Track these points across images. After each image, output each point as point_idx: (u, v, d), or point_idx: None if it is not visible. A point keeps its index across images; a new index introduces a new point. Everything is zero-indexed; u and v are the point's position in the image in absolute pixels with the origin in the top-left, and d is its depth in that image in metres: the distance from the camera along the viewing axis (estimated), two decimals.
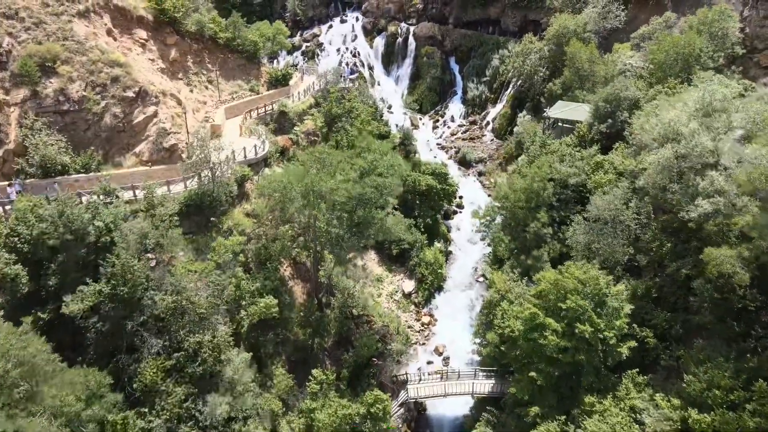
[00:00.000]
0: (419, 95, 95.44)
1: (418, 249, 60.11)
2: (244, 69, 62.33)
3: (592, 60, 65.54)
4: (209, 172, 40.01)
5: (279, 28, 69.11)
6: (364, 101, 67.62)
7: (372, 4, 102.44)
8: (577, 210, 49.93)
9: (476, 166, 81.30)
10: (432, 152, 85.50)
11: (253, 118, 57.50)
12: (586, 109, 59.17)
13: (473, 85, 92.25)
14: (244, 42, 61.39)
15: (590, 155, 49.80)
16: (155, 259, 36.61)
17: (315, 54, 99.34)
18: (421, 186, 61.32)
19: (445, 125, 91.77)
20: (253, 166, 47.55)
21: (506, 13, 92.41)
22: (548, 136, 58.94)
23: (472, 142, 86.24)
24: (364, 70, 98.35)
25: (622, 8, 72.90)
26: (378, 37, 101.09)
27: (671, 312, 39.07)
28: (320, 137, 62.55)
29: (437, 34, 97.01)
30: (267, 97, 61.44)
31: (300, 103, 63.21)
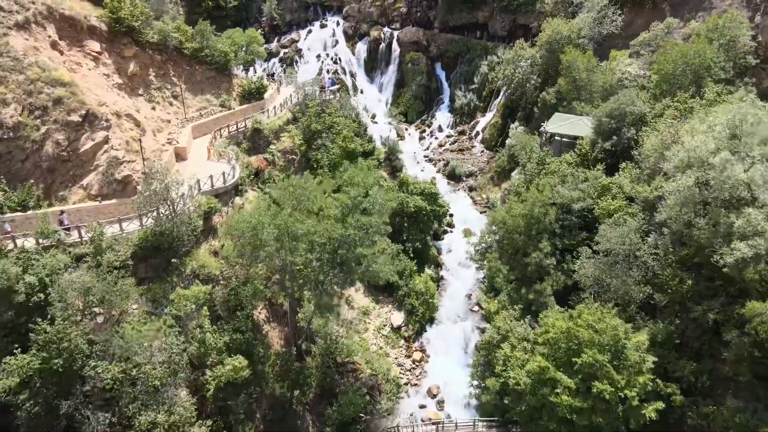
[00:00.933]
0: (404, 104, 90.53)
1: (407, 277, 55.17)
2: (213, 82, 56.82)
3: (589, 69, 61.20)
4: (169, 207, 34.55)
5: (252, 35, 63.66)
6: (346, 115, 62.45)
7: (353, 8, 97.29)
8: (583, 238, 45.46)
9: (466, 180, 76.61)
10: (419, 165, 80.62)
11: (224, 137, 52.04)
12: (587, 123, 54.76)
13: (461, 92, 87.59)
14: (212, 52, 55.87)
15: (596, 177, 45.24)
16: (103, 314, 31.17)
17: (294, 61, 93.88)
18: (410, 208, 56.40)
19: (433, 135, 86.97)
20: (222, 195, 42.15)
21: (494, 17, 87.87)
22: (546, 152, 54.38)
23: (461, 153, 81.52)
24: (346, 77, 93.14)
25: (619, 13, 68.69)
26: (360, 42, 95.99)
27: (696, 360, 34.68)
28: (299, 155, 57.29)
29: (422, 39, 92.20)
30: (239, 113, 56.00)
31: (276, 119, 57.86)
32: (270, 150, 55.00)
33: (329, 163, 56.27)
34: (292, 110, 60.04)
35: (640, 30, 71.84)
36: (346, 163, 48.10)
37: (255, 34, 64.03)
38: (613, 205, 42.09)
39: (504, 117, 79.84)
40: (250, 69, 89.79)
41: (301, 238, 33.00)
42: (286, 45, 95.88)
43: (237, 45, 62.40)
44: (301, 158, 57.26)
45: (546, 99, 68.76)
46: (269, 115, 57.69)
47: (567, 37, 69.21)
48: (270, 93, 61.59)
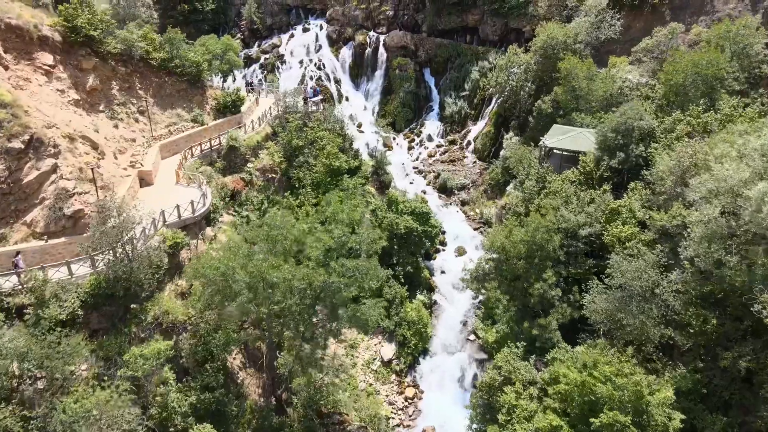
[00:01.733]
0: (392, 111, 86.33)
1: (398, 305, 51.00)
2: (185, 95, 52.12)
3: (590, 77, 57.44)
4: (125, 248, 29.99)
5: (228, 43, 59.06)
6: (331, 128, 58.03)
7: (337, 11, 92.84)
8: (590, 266, 41.58)
9: (458, 193, 72.57)
10: (408, 177, 76.52)
11: (196, 157, 47.45)
12: (589, 136, 50.94)
13: (451, 100, 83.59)
14: (183, 63, 51.17)
15: (604, 201, 41.32)
16: (44, 377, 26.59)
17: (275, 67, 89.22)
18: (400, 229, 52.19)
19: (422, 145, 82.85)
20: (191, 227, 37.63)
21: (485, 20, 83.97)
22: (546, 169, 50.44)
23: (452, 164, 77.49)
24: (331, 84, 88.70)
25: (618, 17, 65.09)
26: (345, 47, 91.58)
27: (724, 412, 30.94)
28: (279, 174, 52.84)
29: (410, 43, 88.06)
30: (213, 129, 51.42)
31: (254, 134, 53.34)
32: (247, 169, 50.52)
33: (312, 182, 51.93)
34: (272, 124, 55.56)
35: (638, 34, 68.46)
36: (330, 196, 42.82)
37: (231, 42, 59.42)
38: (624, 232, 38.23)
39: (497, 126, 75.98)
40: (228, 78, 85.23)
41: (277, 284, 28.67)
42: (267, 50, 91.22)
43: (211, 53, 57.78)
44: (281, 177, 52.82)
45: (542, 108, 64.92)
46: (246, 131, 53.20)
47: (563, 43, 65.49)
48: (248, 105, 57.02)
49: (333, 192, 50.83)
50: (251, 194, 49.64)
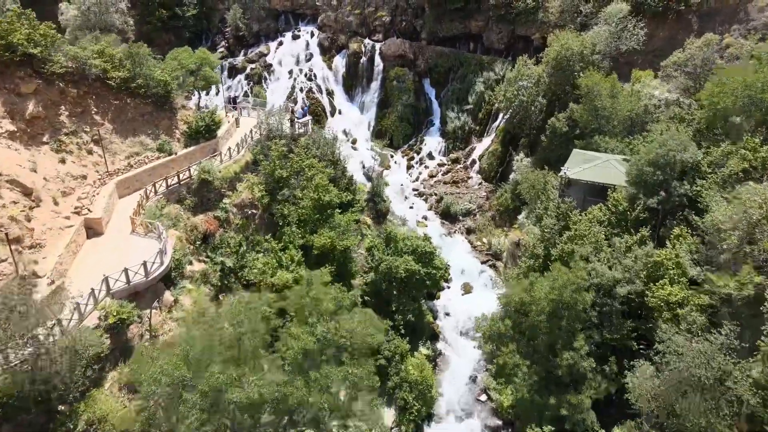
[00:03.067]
0: (389, 126, 79.36)
1: (397, 363, 44.08)
2: (150, 119, 45.02)
3: (614, 95, 50.71)
4: (41, 341, 22.97)
5: (203, 56, 51.97)
6: (321, 153, 50.99)
7: (329, 17, 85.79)
8: (629, 330, 34.79)
9: (463, 220, 65.66)
10: (408, 201, 69.65)
11: (160, 194, 40.40)
12: (618, 166, 44.23)
13: (453, 114, 76.69)
14: (148, 82, 44.10)
15: (646, 253, 34.45)
16: None
17: (262, 78, 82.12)
18: (400, 273, 45.25)
19: (422, 164, 75.93)
20: (144, 294, 30.58)
21: (490, 27, 77.09)
22: (568, 204, 43.46)
23: (455, 186, 70.59)
24: (322, 96, 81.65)
25: (642, 25, 58.33)
26: (338, 56, 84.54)
27: None
28: (260, 210, 45.79)
29: (408, 52, 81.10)
30: (184, 158, 44.39)
31: (231, 163, 46.31)
32: (223, 205, 43.49)
33: (298, 219, 44.90)
34: (253, 151, 48.52)
35: (662, 44, 61.88)
36: (312, 278, 35.00)
37: (207, 55, 52.33)
38: (674, 295, 31.43)
39: (504, 144, 69.14)
40: (207, 92, 78.19)
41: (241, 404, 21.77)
42: (254, 59, 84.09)
43: (185, 68, 50.70)
44: (262, 213, 45.78)
45: (555, 126, 58.16)
46: (223, 159, 46.15)
47: (579, 54, 58.76)
48: (226, 128, 49.93)
49: (321, 233, 43.95)
50: (227, 235, 42.64)
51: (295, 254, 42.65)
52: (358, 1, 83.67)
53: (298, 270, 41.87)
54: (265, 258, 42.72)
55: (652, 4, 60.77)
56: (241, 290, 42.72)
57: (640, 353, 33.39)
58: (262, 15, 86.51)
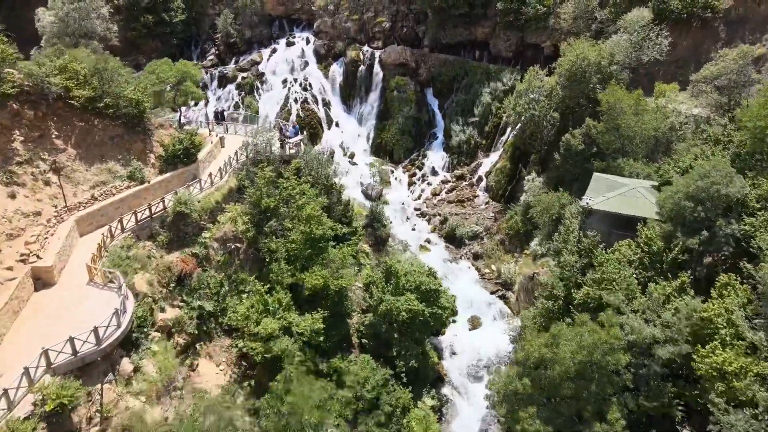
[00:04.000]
0: (389, 139, 74.38)
1: (399, 416, 39.07)
2: (121, 143, 40.01)
3: (638, 112, 45.78)
4: None
5: (185, 69, 46.94)
6: (314, 174, 46.01)
7: (326, 23, 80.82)
8: (671, 396, 29.79)
9: (470, 243, 60.66)
10: (409, 222, 64.68)
11: (129, 231, 35.38)
12: (647, 195, 39.26)
13: (458, 127, 71.70)
14: (117, 101, 39.12)
15: (690, 308, 29.43)
16: None
17: (254, 88, 77.12)
18: (401, 315, 40.24)
19: (425, 180, 70.91)
20: (96, 365, 25.52)
21: (497, 34, 72.11)
22: (592, 239, 38.38)
23: (461, 206, 65.61)
24: (318, 107, 76.67)
25: (666, 34, 53.38)
26: (335, 64, 79.55)
27: None
28: (245, 244, 40.79)
29: (409, 60, 76.12)
30: (159, 186, 39.39)
31: (213, 191, 41.34)
32: (202, 240, 38.51)
33: (287, 255, 39.89)
34: (238, 176, 43.51)
35: (685, 54, 57.09)
36: (295, 396, 29.47)
37: (188, 68, 47.27)
38: (729, 363, 26.42)
39: (513, 160, 64.20)
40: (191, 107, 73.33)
41: None
42: (246, 68, 79.08)
43: (163, 82, 45.72)
44: (247, 248, 40.78)
45: (570, 143, 53.18)
46: (203, 186, 41.16)
47: (596, 65, 53.82)
48: (208, 150, 44.90)
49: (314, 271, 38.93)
50: (206, 275, 37.66)
51: (283, 296, 37.64)
52: (357, 6, 78.73)
53: (286, 316, 36.89)
54: (249, 300, 37.77)
55: (675, 10, 55.88)
56: (222, 336, 37.91)
57: (686, 424, 28.47)
58: (254, 21, 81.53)
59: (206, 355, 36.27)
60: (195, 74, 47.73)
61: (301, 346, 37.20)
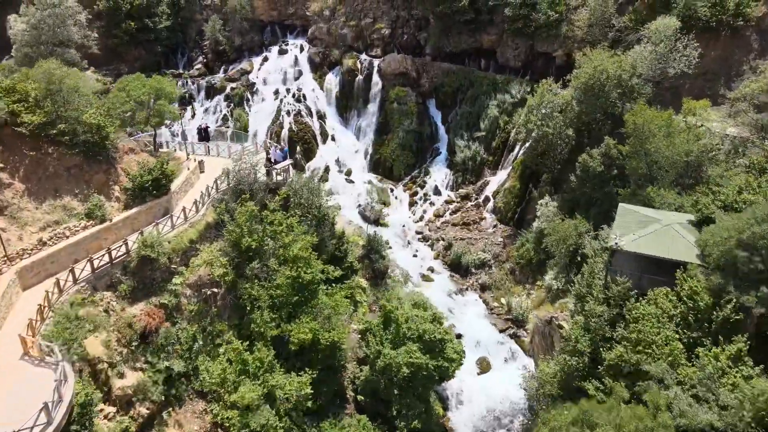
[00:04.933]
0: (389, 155, 69.20)
1: None
2: (79, 174, 34.80)
3: (669, 134, 40.59)
4: None
5: (159, 86, 41.72)
6: (305, 202, 40.81)
7: (321, 29, 75.65)
8: None
9: (477, 273, 55.45)
10: (411, 247, 59.48)
11: (83, 282, 30.21)
12: (683, 234, 34.00)
13: (463, 142, 66.52)
14: (74, 126, 33.92)
15: (754, 390, 24.21)
16: None
17: (244, 99, 71.94)
18: (402, 371, 35.02)
19: (427, 200, 65.70)
20: None
21: (505, 41, 66.92)
22: (623, 286, 33.11)
23: (466, 229, 60.40)
24: (313, 120, 71.48)
25: (696, 44, 48.22)
26: (330, 73, 74.42)
27: None
28: (222, 289, 35.57)
29: (410, 69, 70.96)
30: (123, 225, 34.19)
31: (187, 227, 36.17)
32: (172, 287, 33.34)
33: (271, 303, 34.71)
34: (217, 207, 38.28)
35: (714, 65, 51.99)
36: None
37: (164, 84, 42.06)
38: None
39: (523, 180, 59.01)
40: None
41: None
42: (235, 78, 73.90)
43: (135, 100, 40.51)
44: (226, 293, 35.54)
45: (588, 164, 48.13)
46: (176, 222, 35.98)
47: (616, 77, 48.76)
48: (184, 177, 39.75)
49: (302, 322, 33.79)
50: (176, 329, 32.52)
51: (265, 354, 32.43)
52: (354, 12, 73.59)
53: (268, 378, 31.70)
54: (225, 359, 32.60)
55: (703, 18, 50.75)
56: (195, 399, 32.72)
57: None
58: (244, 27, 76.36)
59: (175, 423, 31.15)
60: (171, 91, 42.48)
61: (286, 409, 32.11)
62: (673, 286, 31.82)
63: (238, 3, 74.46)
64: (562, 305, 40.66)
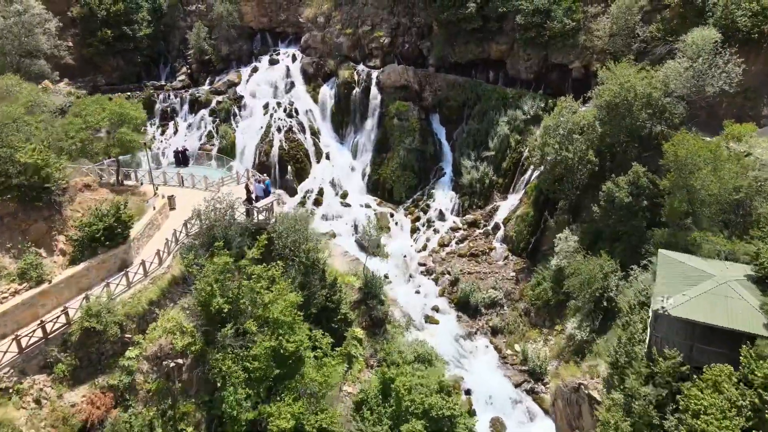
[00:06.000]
0: (389, 175, 63.25)
1: None
2: (14, 224, 28.80)
3: (717, 167, 34.65)
4: None
5: (121, 111, 35.76)
6: (291, 245, 34.89)
7: (315, 38, 69.75)
8: None
9: (487, 313, 49.50)
10: (413, 282, 53.59)
11: (5, 366, 24.25)
12: (745, 295, 28.05)
13: (470, 162, 60.58)
14: (5, 168, 27.97)
15: None
16: None
17: (230, 114, 66.05)
18: None
19: (430, 226, 59.72)
20: None
21: (516, 52, 61.01)
22: (674, 360, 27.21)
23: (474, 261, 54.47)
24: (306, 137, 65.57)
25: (740, 60, 42.34)
26: (325, 85, 68.52)
27: None
28: (189, 360, 29.58)
29: (412, 81, 65.06)
30: (67, 285, 28.21)
31: (147, 285, 30.19)
32: (126, 362, 27.38)
33: (247, 377, 28.75)
34: (185, 259, 32.26)
35: (755, 82, 46.33)
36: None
37: (126, 109, 36.10)
38: None
39: (537, 206, 53.15)
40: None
41: None
42: (221, 90, 67.98)
43: (90, 131, 34.56)
44: (193, 365, 29.56)
45: (613, 193, 42.28)
46: (134, 279, 30.01)
47: (644, 95, 42.96)
48: (148, 219, 33.78)
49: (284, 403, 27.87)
50: (129, 415, 26.51)
51: None
52: (351, 19, 67.70)
53: None
54: None
55: (743, 29, 44.92)
56: None
57: None
58: (232, 35, 70.43)
59: None
60: (135, 116, 36.49)
61: None
62: (736, 363, 25.90)
63: (224, 9, 68.55)
64: (592, 369, 34.64)
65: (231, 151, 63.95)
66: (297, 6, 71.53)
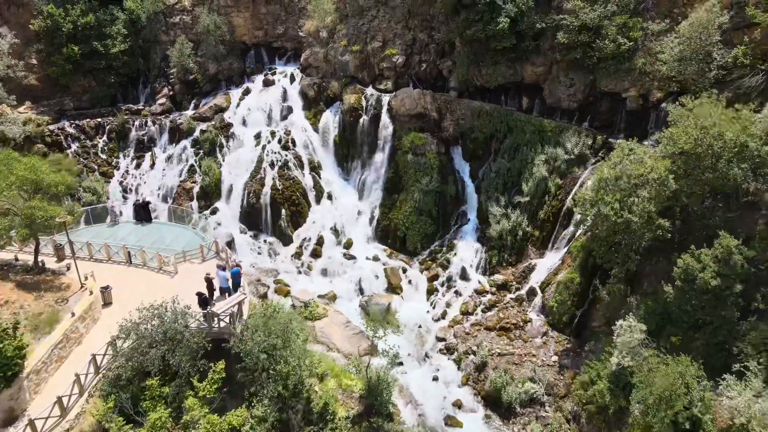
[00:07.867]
0: (402, 221, 53.03)
1: None
2: None
3: None
4: None
5: (36, 178, 25.95)
6: (260, 374, 24.80)
7: (316, 55, 59.72)
8: None
9: (523, 413, 39.05)
10: (428, 363, 43.34)
11: None
12: None
13: (499, 209, 50.18)
14: None
15: None
16: None
17: (217, 144, 56.31)
18: None
19: (451, 287, 49.39)
20: None
21: (555, 75, 50.46)
22: None
23: (506, 336, 44.10)
24: (304, 173, 55.62)
25: None
26: (328, 111, 58.47)
27: None
28: None
29: (430, 108, 54.72)
30: None
31: None
32: None
33: None
34: (113, 398, 22.32)
35: None
36: None
37: (42, 174, 26.25)
38: None
39: (584, 272, 42.57)
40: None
41: None
42: (206, 116, 58.24)
43: None
44: None
45: (693, 271, 32.01)
46: None
47: (735, 144, 32.64)
48: (62, 332, 23.92)
49: None
50: None
51: None
52: (358, 34, 57.62)
53: None
54: None
55: None
56: None
57: None
58: (221, 51, 60.63)
59: None
60: (59, 180, 26.68)
61: None
62: None
63: (212, 21, 58.85)
64: None
65: (216, 189, 54.38)
66: (297, 17, 61.65)
